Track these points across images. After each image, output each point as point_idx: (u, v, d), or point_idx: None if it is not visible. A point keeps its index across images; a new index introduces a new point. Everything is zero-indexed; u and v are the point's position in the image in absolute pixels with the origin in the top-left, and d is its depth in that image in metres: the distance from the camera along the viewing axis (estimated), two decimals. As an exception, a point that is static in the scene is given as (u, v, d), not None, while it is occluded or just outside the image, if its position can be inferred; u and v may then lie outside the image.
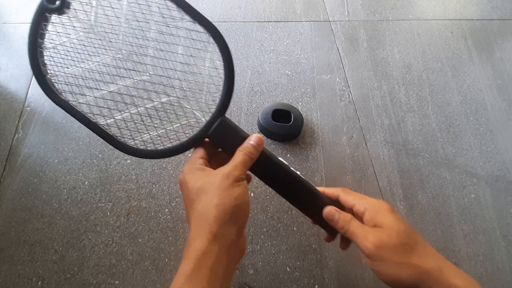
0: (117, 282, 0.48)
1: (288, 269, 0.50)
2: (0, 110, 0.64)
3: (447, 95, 0.69)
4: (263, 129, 0.61)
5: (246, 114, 0.65)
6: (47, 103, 0.65)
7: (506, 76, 0.72)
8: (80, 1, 0.30)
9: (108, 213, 0.53)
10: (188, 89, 0.35)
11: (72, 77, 0.31)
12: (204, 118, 0.32)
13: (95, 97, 0.31)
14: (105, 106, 0.32)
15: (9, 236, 0.51)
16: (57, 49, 0.31)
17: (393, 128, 0.64)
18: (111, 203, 0.54)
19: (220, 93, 0.31)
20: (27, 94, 0.66)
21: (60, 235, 0.51)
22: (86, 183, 0.56)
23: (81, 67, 0.33)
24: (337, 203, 0.33)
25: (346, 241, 0.34)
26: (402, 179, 0.58)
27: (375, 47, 0.76)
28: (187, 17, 0.30)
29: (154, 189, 0.56)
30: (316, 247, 0.51)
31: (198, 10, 0.30)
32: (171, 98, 0.34)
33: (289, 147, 0.61)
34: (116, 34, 0.33)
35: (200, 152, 0.30)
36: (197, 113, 0.33)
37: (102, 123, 0.31)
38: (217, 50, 0.30)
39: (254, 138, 0.30)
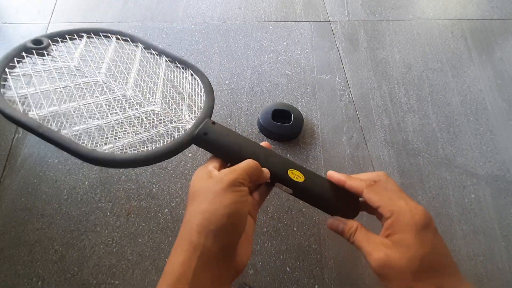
0: (117, 282, 0.48)
1: (288, 269, 0.50)
2: (0, 110, 0.64)
3: (447, 95, 0.69)
4: (263, 129, 0.61)
5: (246, 114, 0.65)
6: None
7: (506, 76, 0.72)
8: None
9: (108, 213, 0.53)
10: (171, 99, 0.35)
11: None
12: (189, 123, 0.32)
13: (67, 109, 0.29)
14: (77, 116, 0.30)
15: (9, 236, 0.51)
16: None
17: (393, 128, 0.64)
18: (111, 203, 0.54)
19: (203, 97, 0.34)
20: (27, 94, 0.66)
21: (60, 235, 0.51)
22: (86, 183, 0.56)
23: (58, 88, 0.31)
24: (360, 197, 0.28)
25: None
26: (402, 179, 0.58)
27: (375, 47, 0.76)
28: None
29: (154, 189, 0.56)
30: (316, 247, 0.51)
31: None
32: (156, 107, 0.33)
33: (289, 147, 0.61)
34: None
35: (216, 158, 0.29)
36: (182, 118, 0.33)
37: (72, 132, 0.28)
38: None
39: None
